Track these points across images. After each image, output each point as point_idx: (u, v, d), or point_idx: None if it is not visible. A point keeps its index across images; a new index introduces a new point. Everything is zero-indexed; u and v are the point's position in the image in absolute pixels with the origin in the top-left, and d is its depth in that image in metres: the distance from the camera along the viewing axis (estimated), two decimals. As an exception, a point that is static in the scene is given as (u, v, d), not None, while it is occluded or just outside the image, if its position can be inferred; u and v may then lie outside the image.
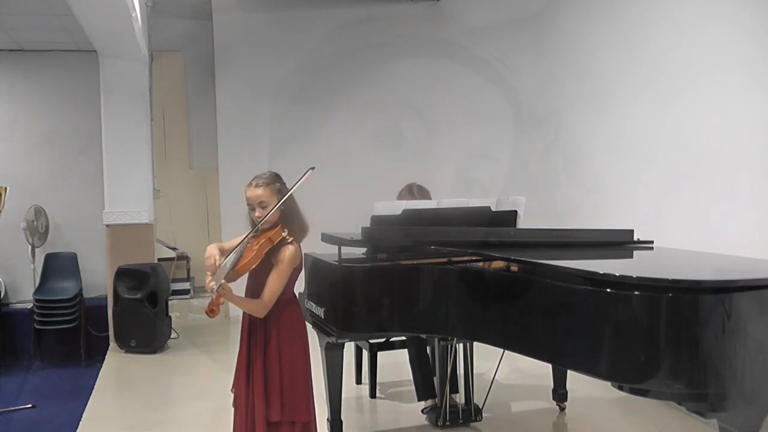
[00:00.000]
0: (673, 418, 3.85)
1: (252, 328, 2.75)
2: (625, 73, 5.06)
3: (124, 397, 4.77)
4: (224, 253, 2.65)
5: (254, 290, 2.71)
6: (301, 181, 2.66)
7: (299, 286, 3.58)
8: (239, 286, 2.69)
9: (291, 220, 2.73)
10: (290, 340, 2.74)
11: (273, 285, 2.63)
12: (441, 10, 6.97)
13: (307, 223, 2.79)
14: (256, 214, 2.67)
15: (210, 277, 2.53)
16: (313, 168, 2.65)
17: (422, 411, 3.89)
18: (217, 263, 2.56)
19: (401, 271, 3.14)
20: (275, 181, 2.72)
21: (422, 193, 3.98)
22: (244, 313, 2.79)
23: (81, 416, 4.19)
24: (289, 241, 2.68)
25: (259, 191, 2.67)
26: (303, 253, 3.42)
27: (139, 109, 6.05)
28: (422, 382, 3.91)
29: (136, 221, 5.99)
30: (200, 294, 7.04)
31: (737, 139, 3.96)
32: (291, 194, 2.71)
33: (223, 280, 2.49)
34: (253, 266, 2.58)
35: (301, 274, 2.90)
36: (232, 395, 2.86)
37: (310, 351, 2.84)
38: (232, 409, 2.87)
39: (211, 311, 2.48)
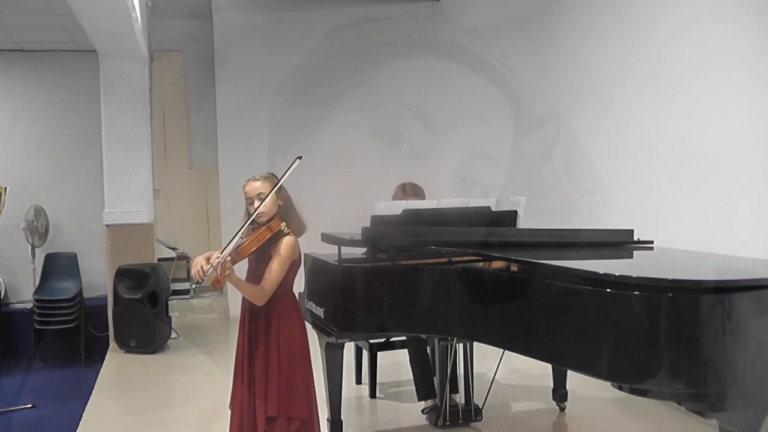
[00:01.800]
0: (673, 418, 3.85)
1: (252, 321, 2.78)
2: (624, 73, 5.06)
3: (124, 397, 4.77)
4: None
5: (253, 281, 2.75)
6: (290, 170, 2.69)
7: (299, 286, 3.60)
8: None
9: (288, 216, 2.80)
10: (289, 333, 2.78)
11: (273, 274, 2.69)
12: (441, 10, 6.97)
13: (304, 221, 2.84)
14: (255, 205, 2.72)
15: (216, 255, 2.53)
16: (300, 157, 2.68)
17: (422, 411, 3.89)
18: (207, 264, 2.55)
19: (401, 271, 3.15)
20: (272, 177, 2.81)
21: (415, 190, 3.97)
22: (242, 312, 2.83)
23: (81, 416, 4.19)
24: (287, 232, 2.75)
25: (258, 184, 2.75)
26: (302, 252, 3.45)
27: (139, 109, 6.04)
28: (422, 382, 3.91)
29: (136, 221, 5.98)
30: (200, 294, 7.04)
31: (737, 139, 3.96)
32: (287, 193, 2.81)
33: (228, 258, 2.55)
34: (253, 249, 2.65)
35: (301, 273, 2.92)
36: (230, 397, 2.87)
37: (311, 351, 2.85)
38: (230, 410, 2.88)
39: (217, 282, 2.55)
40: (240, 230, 2.67)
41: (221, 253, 2.57)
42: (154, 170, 6.34)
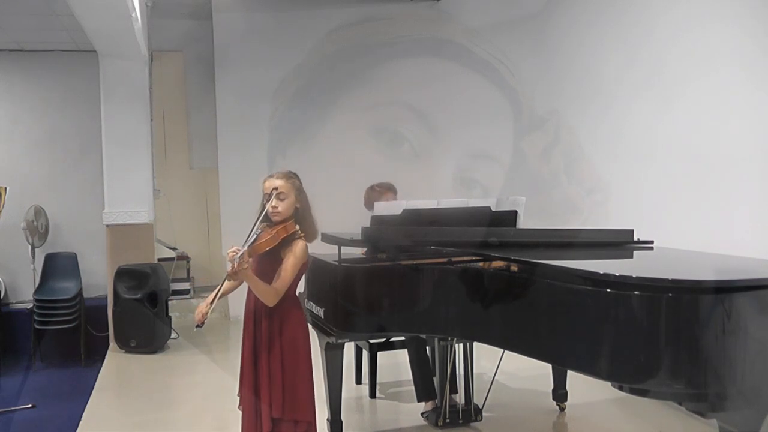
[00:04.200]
0: (673, 418, 3.85)
1: (256, 324, 2.78)
2: (624, 73, 5.06)
3: (124, 397, 4.77)
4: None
5: (263, 279, 2.73)
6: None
7: (299, 286, 3.60)
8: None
9: (304, 220, 2.80)
10: (293, 336, 2.79)
11: (285, 274, 2.70)
12: (441, 10, 6.98)
13: (317, 227, 2.84)
14: (273, 204, 2.71)
15: (234, 248, 2.57)
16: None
17: (422, 414, 3.89)
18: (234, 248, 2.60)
19: (401, 271, 3.15)
20: (294, 178, 2.81)
21: (388, 187, 4.00)
22: (246, 314, 2.83)
23: (81, 416, 4.19)
24: (300, 235, 2.76)
25: (279, 182, 2.74)
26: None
27: (139, 109, 6.04)
28: (422, 382, 3.91)
29: (136, 221, 5.98)
30: (200, 294, 7.04)
31: (737, 139, 3.96)
32: (306, 197, 2.82)
33: (246, 248, 2.57)
34: (268, 248, 2.66)
35: (302, 274, 2.93)
36: (238, 399, 2.87)
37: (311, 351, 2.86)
38: (234, 409, 2.88)
39: (234, 273, 2.57)
40: (255, 225, 2.66)
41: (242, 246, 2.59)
42: (154, 170, 6.34)
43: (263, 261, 2.73)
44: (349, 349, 4.12)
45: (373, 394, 4.35)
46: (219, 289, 2.66)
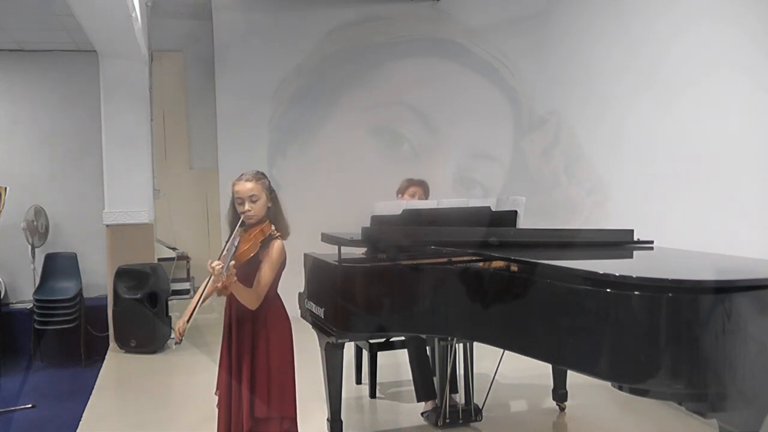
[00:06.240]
0: (673, 418, 3.85)
1: (239, 324, 2.80)
2: (624, 74, 5.06)
3: (124, 397, 4.77)
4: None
5: (242, 283, 2.74)
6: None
7: (299, 286, 3.61)
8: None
9: (277, 219, 2.82)
10: (279, 335, 2.81)
11: (265, 276, 2.71)
12: (441, 10, 6.98)
13: (288, 225, 2.85)
14: (246, 207, 2.72)
15: (218, 263, 2.57)
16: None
17: (422, 414, 3.89)
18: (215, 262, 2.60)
19: (401, 271, 3.15)
20: (263, 178, 2.80)
21: (421, 181, 3.99)
22: (226, 311, 2.86)
23: (81, 416, 4.19)
24: (276, 235, 2.77)
25: (250, 185, 2.74)
26: (303, 253, 3.46)
27: (139, 109, 6.04)
28: (422, 382, 3.91)
29: (136, 221, 5.98)
30: (200, 294, 7.02)
31: (737, 139, 3.96)
32: (276, 195, 2.82)
33: (232, 262, 2.58)
34: (251, 254, 2.68)
35: (300, 273, 2.93)
36: (217, 398, 2.90)
37: (310, 351, 2.86)
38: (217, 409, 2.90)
39: (225, 288, 2.60)
40: (233, 235, 2.68)
41: (221, 258, 2.60)
42: (154, 170, 6.34)
43: (243, 265, 2.73)
44: (349, 349, 4.12)
45: (373, 394, 4.35)
46: (197, 304, 2.63)
